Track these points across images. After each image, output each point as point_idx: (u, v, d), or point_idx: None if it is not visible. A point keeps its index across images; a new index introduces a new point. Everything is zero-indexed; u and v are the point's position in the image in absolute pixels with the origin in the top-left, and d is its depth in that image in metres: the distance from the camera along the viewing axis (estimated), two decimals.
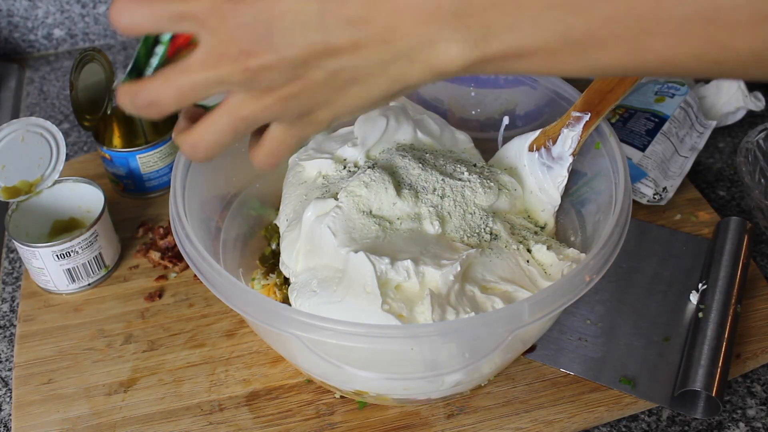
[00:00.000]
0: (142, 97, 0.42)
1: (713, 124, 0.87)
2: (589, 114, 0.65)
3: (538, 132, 0.68)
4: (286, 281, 0.66)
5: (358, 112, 0.46)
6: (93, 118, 0.83)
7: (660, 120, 0.82)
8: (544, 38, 0.40)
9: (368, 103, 0.44)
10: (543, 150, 0.68)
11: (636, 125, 0.82)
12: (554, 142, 0.66)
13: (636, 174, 0.78)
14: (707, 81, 0.92)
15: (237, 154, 0.69)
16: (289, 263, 0.63)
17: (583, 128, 0.65)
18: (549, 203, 0.68)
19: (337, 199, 0.62)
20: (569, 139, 0.65)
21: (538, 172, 0.68)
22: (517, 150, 0.70)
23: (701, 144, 0.85)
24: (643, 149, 0.80)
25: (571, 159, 0.66)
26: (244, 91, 0.42)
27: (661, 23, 0.39)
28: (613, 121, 0.83)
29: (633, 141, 0.81)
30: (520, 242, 0.63)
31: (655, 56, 0.40)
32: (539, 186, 0.68)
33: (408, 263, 0.56)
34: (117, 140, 0.88)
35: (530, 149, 0.68)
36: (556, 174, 0.67)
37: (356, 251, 0.57)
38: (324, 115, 0.44)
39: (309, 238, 0.61)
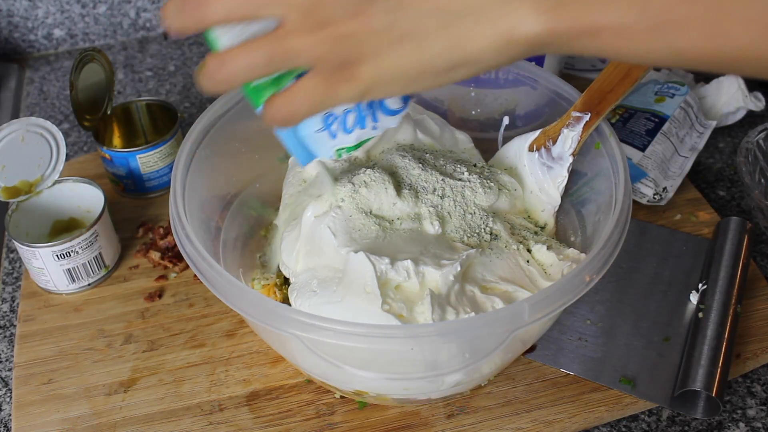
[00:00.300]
0: None
1: (713, 124, 0.87)
2: (589, 114, 0.64)
3: (538, 132, 0.68)
4: (286, 281, 0.66)
5: (401, 80, 0.43)
6: (93, 118, 0.83)
7: (660, 120, 0.82)
8: (618, 10, 0.39)
9: (416, 68, 0.43)
10: (543, 150, 0.67)
11: (636, 125, 0.82)
12: (554, 142, 0.66)
13: (636, 174, 0.78)
14: (707, 80, 0.92)
15: (237, 154, 0.70)
16: (289, 263, 0.63)
17: (583, 128, 0.65)
18: (549, 203, 0.68)
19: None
20: (569, 139, 0.65)
21: (538, 172, 0.68)
22: (517, 150, 0.70)
23: (701, 144, 0.85)
24: (643, 149, 0.80)
25: (571, 159, 0.66)
26: (300, 19, 0.41)
27: (743, 6, 0.37)
28: (613, 121, 0.83)
29: (633, 141, 0.81)
30: (520, 242, 0.63)
31: (733, 44, 0.38)
32: (539, 186, 0.68)
33: (408, 263, 0.56)
34: (117, 140, 0.89)
35: (530, 149, 0.68)
36: (556, 174, 0.67)
37: (356, 251, 0.57)
38: (365, 72, 0.43)
39: (309, 238, 0.61)
